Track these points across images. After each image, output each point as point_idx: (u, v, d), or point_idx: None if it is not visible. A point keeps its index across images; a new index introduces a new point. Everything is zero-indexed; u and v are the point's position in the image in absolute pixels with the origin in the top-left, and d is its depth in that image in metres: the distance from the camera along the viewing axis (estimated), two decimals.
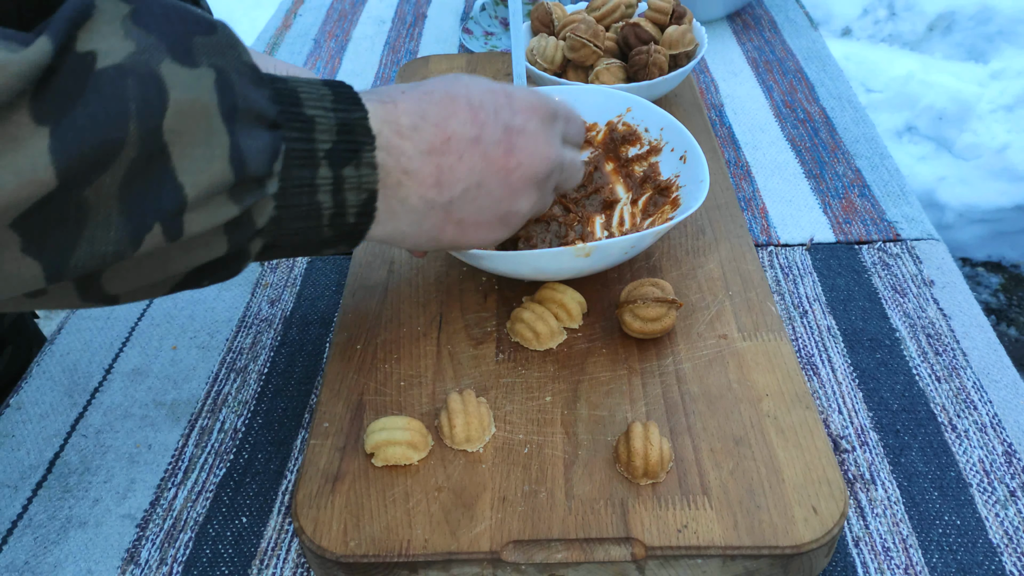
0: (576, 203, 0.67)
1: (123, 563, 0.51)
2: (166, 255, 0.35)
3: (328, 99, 0.40)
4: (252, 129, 0.36)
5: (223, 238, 0.37)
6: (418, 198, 0.44)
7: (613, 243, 0.54)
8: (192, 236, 0.35)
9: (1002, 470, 0.53)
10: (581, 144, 0.55)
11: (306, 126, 0.39)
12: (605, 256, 0.56)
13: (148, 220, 0.33)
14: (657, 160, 0.66)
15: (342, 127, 0.40)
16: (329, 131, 0.40)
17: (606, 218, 0.66)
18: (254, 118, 0.36)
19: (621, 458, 0.48)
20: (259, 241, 0.39)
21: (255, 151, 0.36)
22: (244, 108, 0.35)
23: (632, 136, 0.68)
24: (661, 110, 0.66)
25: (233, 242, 0.37)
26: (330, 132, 0.40)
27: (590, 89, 0.71)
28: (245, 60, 0.36)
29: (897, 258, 0.70)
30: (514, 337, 0.57)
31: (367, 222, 0.43)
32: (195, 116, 0.33)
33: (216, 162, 0.34)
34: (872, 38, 2.62)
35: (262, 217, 0.38)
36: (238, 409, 0.60)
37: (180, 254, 0.36)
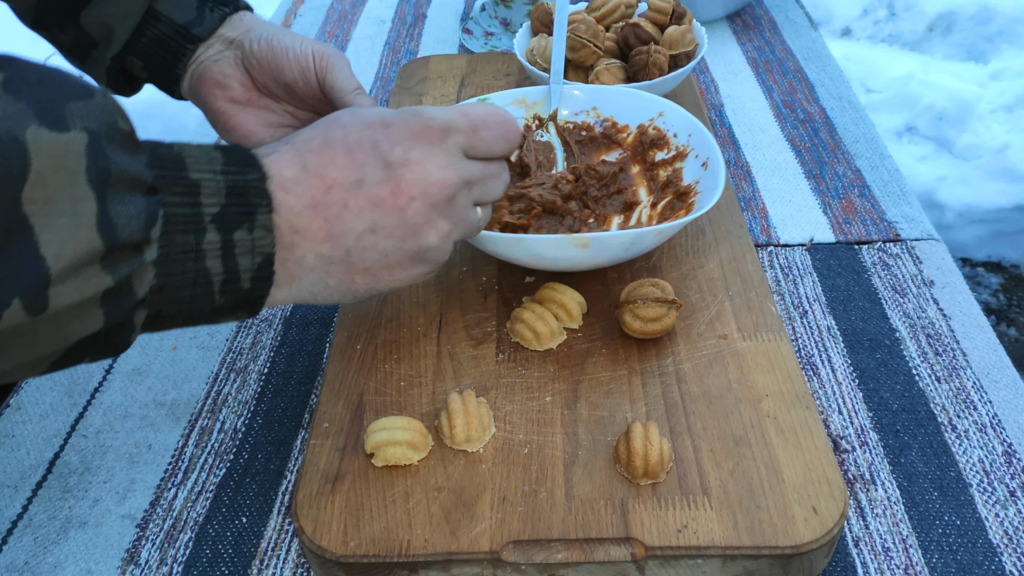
0: (597, 202, 0.66)
1: (123, 563, 0.51)
2: (33, 331, 0.33)
3: (218, 161, 0.39)
4: (125, 195, 0.34)
5: (98, 310, 0.34)
6: (314, 256, 0.42)
7: (611, 236, 0.54)
8: (60, 309, 0.32)
9: (1002, 470, 0.53)
10: (510, 148, 0.49)
11: (190, 190, 0.37)
12: (603, 249, 0.55)
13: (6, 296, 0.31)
14: (682, 166, 0.66)
15: (232, 189, 0.38)
16: (217, 194, 0.38)
17: (624, 219, 0.66)
18: (128, 183, 0.34)
19: (621, 458, 0.48)
20: (143, 311, 0.37)
21: (127, 217, 0.34)
22: (116, 172, 0.33)
23: (661, 140, 0.68)
24: (692, 116, 0.66)
25: (111, 314, 0.35)
26: (218, 195, 0.38)
27: (626, 91, 0.71)
28: (122, 127, 0.35)
29: (897, 258, 0.70)
30: (514, 337, 0.57)
31: (265, 287, 0.41)
32: (59, 183, 0.31)
33: (83, 231, 0.32)
34: (872, 38, 2.62)
35: (142, 286, 0.36)
36: (238, 409, 0.60)
37: (50, 329, 0.33)
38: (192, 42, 0.58)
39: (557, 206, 0.63)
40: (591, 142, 0.71)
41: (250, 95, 0.60)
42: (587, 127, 0.72)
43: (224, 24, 0.59)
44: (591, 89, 0.72)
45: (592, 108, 0.72)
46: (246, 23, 0.60)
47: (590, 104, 0.72)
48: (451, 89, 0.89)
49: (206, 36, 0.58)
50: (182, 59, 0.59)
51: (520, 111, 0.73)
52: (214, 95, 0.59)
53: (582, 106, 0.72)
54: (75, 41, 0.58)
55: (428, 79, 0.91)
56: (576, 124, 0.72)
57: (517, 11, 1.10)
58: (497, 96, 0.73)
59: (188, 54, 0.58)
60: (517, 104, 0.73)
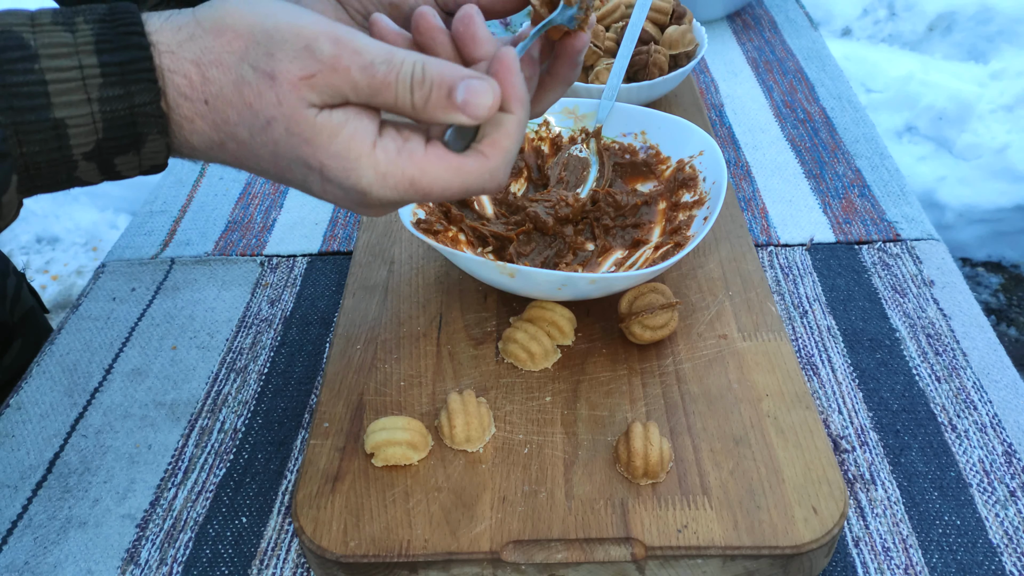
0: (608, 231, 0.65)
1: (123, 563, 0.51)
2: None
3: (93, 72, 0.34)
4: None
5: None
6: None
7: (539, 273, 0.53)
8: None
9: (1002, 470, 0.53)
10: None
11: (53, 133, 0.34)
12: (530, 284, 0.54)
13: None
14: (697, 214, 0.62)
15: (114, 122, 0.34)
16: (92, 132, 0.34)
17: (627, 255, 0.64)
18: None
19: (621, 458, 0.48)
20: None
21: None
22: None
23: (692, 182, 0.65)
24: (723, 162, 0.62)
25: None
26: (94, 132, 0.34)
27: (677, 121, 0.68)
28: None
29: (897, 258, 0.70)
30: (507, 358, 0.56)
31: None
32: None
33: None
34: (872, 38, 2.62)
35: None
36: (238, 409, 0.60)
37: None
38: None
39: (548, 227, 0.62)
40: (631, 167, 0.69)
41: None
42: (631, 150, 0.70)
43: None
44: (643, 112, 0.70)
45: (641, 131, 0.70)
46: None
47: (640, 126, 0.70)
48: None
49: None
50: None
51: (568, 121, 0.71)
52: None
53: (631, 127, 0.70)
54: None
55: None
56: (621, 145, 0.70)
57: None
58: None
59: None
60: (566, 114, 0.71)
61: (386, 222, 0.70)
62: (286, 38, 0.34)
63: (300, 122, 0.34)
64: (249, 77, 0.34)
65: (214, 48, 0.35)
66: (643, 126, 0.70)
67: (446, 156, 0.36)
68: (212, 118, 0.35)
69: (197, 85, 0.34)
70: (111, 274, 0.74)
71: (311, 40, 0.34)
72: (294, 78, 0.34)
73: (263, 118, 0.35)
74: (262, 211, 0.81)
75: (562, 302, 0.57)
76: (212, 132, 0.35)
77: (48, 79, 0.32)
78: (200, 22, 0.35)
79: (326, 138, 0.34)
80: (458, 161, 0.36)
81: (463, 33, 0.38)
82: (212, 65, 0.34)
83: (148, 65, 0.34)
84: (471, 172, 0.36)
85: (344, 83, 0.34)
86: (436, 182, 0.36)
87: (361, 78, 0.34)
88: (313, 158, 0.35)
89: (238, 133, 0.35)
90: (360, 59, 0.34)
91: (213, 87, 0.34)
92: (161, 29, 0.35)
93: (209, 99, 0.35)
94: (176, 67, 0.34)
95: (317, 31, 0.34)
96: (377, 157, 0.35)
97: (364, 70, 0.34)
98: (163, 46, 0.34)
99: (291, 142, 0.35)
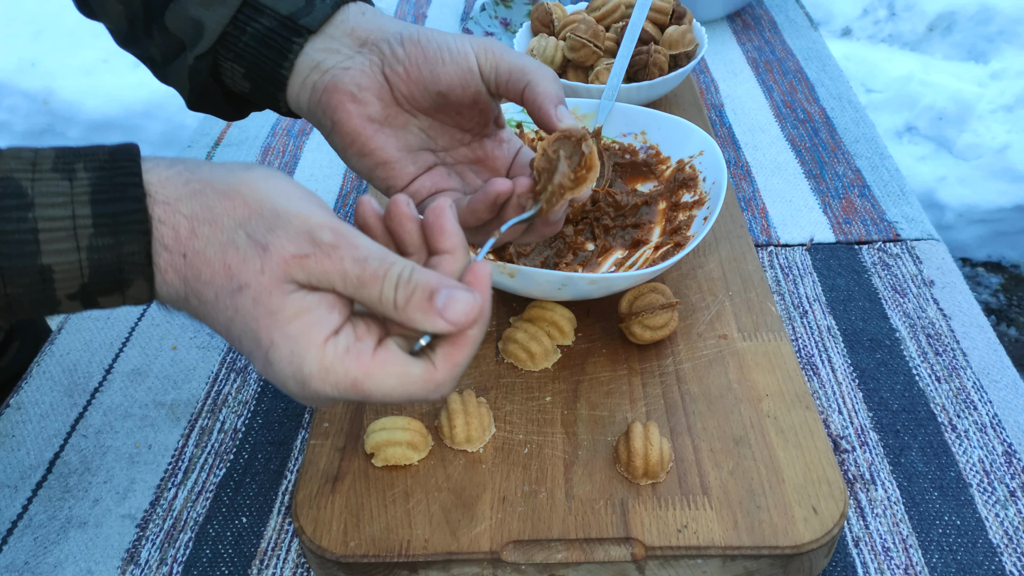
0: (608, 231, 0.65)
1: (123, 563, 0.51)
2: None
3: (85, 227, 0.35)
4: None
5: None
6: None
7: (539, 273, 0.52)
8: None
9: (1002, 470, 0.53)
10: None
11: (38, 276, 0.34)
12: (531, 283, 0.54)
13: None
14: (697, 214, 0.62)
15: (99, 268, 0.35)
16: (77, 276, 0.35)
17: (627, 255, 0.64)
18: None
19: (621, 458, 0.48)
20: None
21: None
22: None
23: (691, 182, 0.65)
24: (722, 162, 0.62)
25: None
26: (79, 276, 0.35)
27: (677, 121, 0.68)
28: None
29: (897, 258, 0.70)
30: (508, 358, 0.56)
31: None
32: None
33: None
34: (872, 38, 2.62)
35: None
36: (238, 409, 0.60)
37: None
38: (299, 35, 0.48)
39: None
40: (631, 167, 0.69)
41: (388, 111, 0.48)
42: (631, 150, 0.70)
43: (340, 15, 0.48)
44: (643, 112, 0.70)
45: (641, 131, 0.70)
46: (371, 19, 0.49)
47: (640, 126, 0.70)
48: None
49: (316, 27, 0.48)
50: (287, 56, 0.48)
51: None
52: (347, 112, 0.47)
53: (631, 127, 0.70)
54: (164, 51, 0.51)
55: None
56: (621, 145, 0.70)
57: (517, 11, 1.10)
58: None
59: (295, 50, 0.48)
60: None
61: None
62: (291, 220, 0.35)
63: (272, 293, 0.35)
64: (240, 243, 0.35)
65: (216, 208, 0.36)
66: (643, 126, 0.70)
67: (392, 360, 0.36)
68: (185, 272, 0.36)
69: (183, 239, 0.35)
70: None
71: (315, 228, 0.35)
72: (287, 254, 0.35)
73: (236, 282, 0.35)
74: None
75: (562, 302, 0.57)
76: (180, 285, 0.36)
77: (40, 227, 0.34)
78: (212, 183, 0.36)
79: (288, 315, 0.35)
80: (403, 368, 0.36)
81: (432, 223, 0.38)
82: (206, 223, 0.35)
83: (141, 216, 0.35)
84: (415, 382, 0.36)
85: (335, 270, 0.35)
86: (378, 387, 0.36)
87: (352, 268, 0.35)
88: (266, 332, 0.35)
89: (204, 292, 0.36)
90: (356, 252, 0.35)
91: (198, 243, 0.35)
92: (165, 181, 0.36)
93: (189, 254, 0.36)
94: (167, 219, 0.35)
95: (323, 222, 0.35)
96: (326, 351, 0.35)
97: (357, 262, 0.35)
98: (160, 196, 0.35)
99: (253, 312, 0.35)
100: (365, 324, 0.37)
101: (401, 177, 0.50)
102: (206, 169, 0.37)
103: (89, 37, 2.40)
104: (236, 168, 0.38)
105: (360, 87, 0.47)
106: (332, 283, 0.35)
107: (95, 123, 2.28)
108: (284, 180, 0.38)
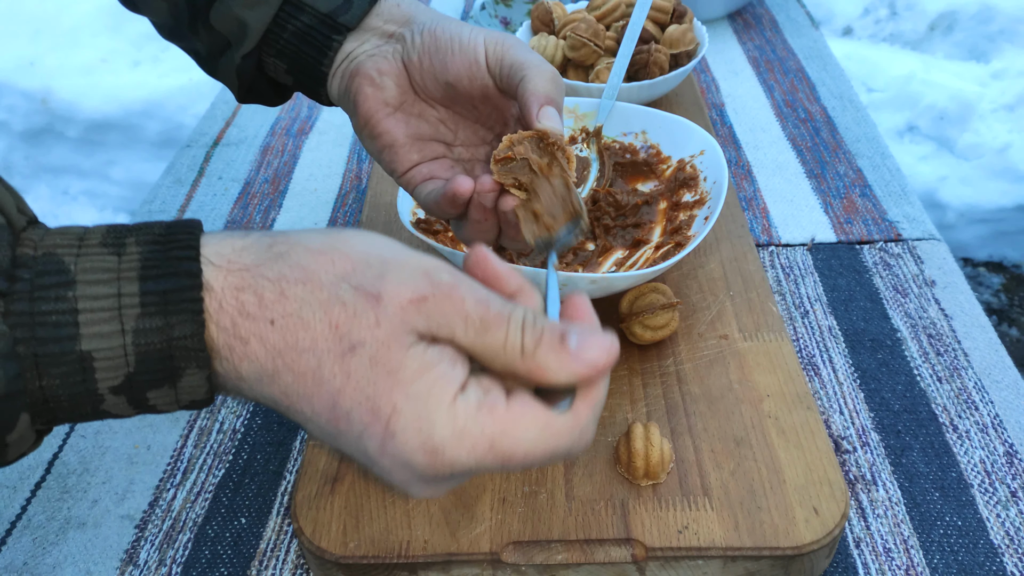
0: (608, 231, 0.64)
1: (122, 564, 0.51)
2: None
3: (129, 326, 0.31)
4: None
5: None
6: None
7: (540, 273, 0.52)
8: None
9: (1003, 471, 0.53)
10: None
11: (78, 366, 0.30)
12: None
13: None
14: (697, 213, 0.62)
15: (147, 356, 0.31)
16: (121, 366, 0.31)
17: (628, 255, 0.63)
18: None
19: (621, 459, 0.48)
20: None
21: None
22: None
23: (692, 181, 0.65)
24: (723, 162, 0.62)
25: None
26: (122, 366, 0.31)
27: (678, 120, 0.67)
28: None
29: (898, 258, 0.70)
30: None
31: None
32: None
33: None
34: (873, 37, 2.62)
35: None
36: (237, 409, 0.60)
37: None
38: (338, 32, 0.49)
39: None
40: (632, 167, 0.69)
41: (404, 98, 0.50)
42: (632, 150, 0.70)
43: (376, 9, 0.50)
44: (644, 111, 0.70)
45: (642, 131, 0.70)
46: (404, 11, 0.50)
47: (640, 126, 0.70)
48: None
49: (354, 24, 0.49)
50: (327, 53, 0.50)
51: (569, 121, 0.71)
52: (365, 95, 0.49)
53: (632, 127, 0.70)
54: (210, 47, 0.52)
55: None
56: (622, 145, 0.70)
57: (517, 10, 1.10)
58: None
59: (335, 47, 0.49)
60: (567, 113, 0.71)
61: (385, 221, 0.69)
62: (404, 263, 0.32)
63: (392, 349, 0.30)
64: (347, 297, 0.31)
65: (310, 266, 0.31)
66: (644, 125, 0.69)
67: (533, 407, 0.31)
68: (273, 341, 0.31)
69: (268, 303, 0.31)
70: None
71: (430, 268, 0.32)
72: (404, 299, 0.31)
73: (347, 342, 0.30)
74: (261, 211, 0.80)
75: None
76: (266, 359, 0.31)
77: (80, 307, 0.30)
78: (301, 242, 0.32)
79: (411, 373, 0.30)
80: (547, 417, 0.31)
81: (484, 275, 0.35)
82: (299, 283, 0.31)
83: (194, 295, 0.30)
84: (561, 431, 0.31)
85: (457, 313, 0.31)
86: (519, 444, 0.31)
87: (475, 310, 0.31)
88: (387, 397, 0.30)
89: (301, 362, 0.31)
90: (477, 293, 0.32)
91: (290, 305, 0.31)
92: (240, 249, 0.32)
93: (277, 319, 0.31)
94: (248, 284, 0.31)
95: (437, 263, 0.32)
96: (457, 409, 0.30)
97: (480, 303, 0.31)
98: (236, 263, 0.31)
99: (370, 375, 0.30)
100: (488, 376, 0.32)
101: (403, 163, 0.50)
102: (291, 234, 0.33)
103: (88, 36, 2.40)
104: (326, 230, 0.34)
105: (380, 71, 0.49)
106: (453, 329, 0.31)
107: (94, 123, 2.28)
108: (385, 237, 0.34)
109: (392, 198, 0.71)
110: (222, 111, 0.97)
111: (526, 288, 0.35)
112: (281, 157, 0.88)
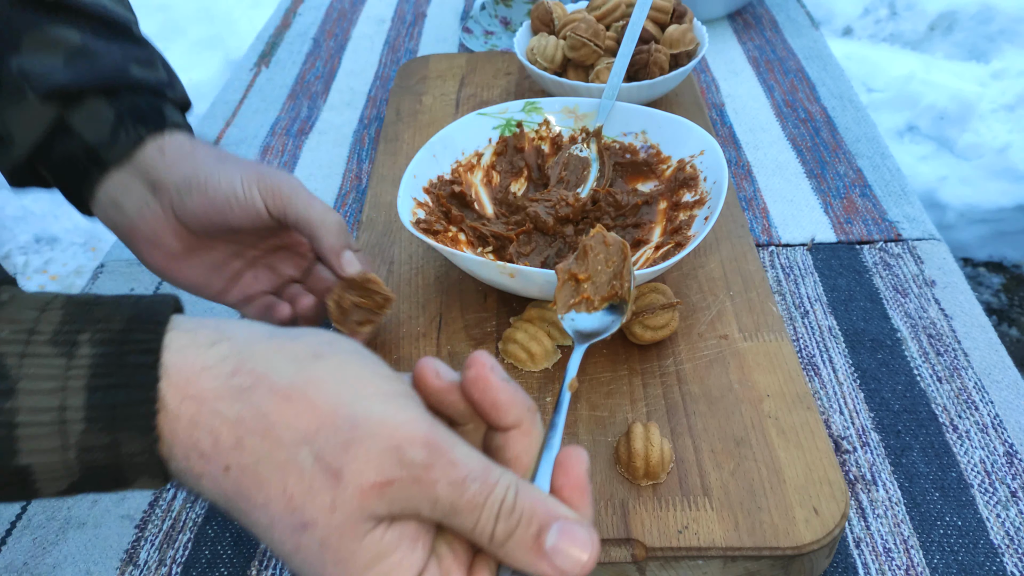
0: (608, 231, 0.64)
1: (122, 564, 0.51)
2: None
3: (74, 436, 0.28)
4: None
5: None
6: None
7: (538, 273, 0.52)
8: None
9: (1003, 471, 0.53)
10: None
11: (16, 478, 0.29)
12: (531, 284, 0.54)
13: None
14: (698, 213, 0.62)
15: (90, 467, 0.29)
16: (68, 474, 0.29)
17: None
18: None
19: (621, 459, 0.48)
20: None
21: None
22: None
23: (692, 181, 0.65)
24: (723, 162, 0.62)
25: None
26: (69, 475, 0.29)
27: (678, 120, 0.67)
28: None
29: (898, 258, 0.70)
30: (507, 359, 0.56)
31: None
32: None
33: None
34: (873, 37, 2.62)
35: None
36: None
37: None
38: (100, 167, 0.50)
39: (548, 227, 0.62)
40: (632, 167, 0.69)
41: (189, 243, 0.52)
42: (632, 150, 0.69)
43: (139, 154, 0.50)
44: (644, 111, 0.69)
45: (641, 131, 0.69)
46: (168, 155, 0.50)
47: (640, 126, 0.69)
48: (451, 88, 0.89)
49: (116, 162, 0.50)
50: (88, 184, 0.51)
51: (569, 121, 0.71)
52: (150, 255, 0.52)
53: (632, 126, 0.70)
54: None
55: (428, 78, 0.91)
56: (622, 145, 0.70)
57: (517, 10, 1.10)
58: (546, 102, 0.72)
59: (95, 180, 0.51)
60: (567, 113, 0.71)
61: (385, 221, 0.69)
62: (374, 432, 0.28)
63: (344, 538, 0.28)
64: (306, 465, 0.28)
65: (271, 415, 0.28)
66: (644, 125, 0.69)
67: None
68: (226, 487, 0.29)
69: (224, 449, 0.28)
70: (110, 274, 0.74)
71: (404, 443, 0.28)
72: (366, 484, 0.28)
73: (299, 519, 0.28)
74: None
75: None
76: (220, 498, 0.29)
77: (19, 421, 0.27)
78: (268, 377, 0.29)
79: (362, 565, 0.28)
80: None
81: (480, 400, 0.31)
82: (257, 435, 0.28)
83: (146, 410, 0.28)
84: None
85: (425, 496, 0.28)
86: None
87: (446, 494, 0.28)
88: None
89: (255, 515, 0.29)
90: (454, 472, 0.28)
91: (246, 457, 0.28)
92: (200, 370, 0.29)
93: (233, 467, 0.28)
94: (204, 421, 0.28)
95: (413, 433, 0.28)
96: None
97: (453, 486, 0.28)
98: (191, 389, 0.28)
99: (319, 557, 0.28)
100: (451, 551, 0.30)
101: (211, 295, 0.55)
102: (262, 353, 0.29)
103: None
104: (303, 356, 0.30)
105: (156, 233, 0.51)
106: (418, 510, 0.28)
107: None
108: (363, 366, 0.31)
109: (392, 198, 0.71)
110: (222, 111, 0.97)
111: (525, 424, 0.32)
112: (281, 157, 0.88)
